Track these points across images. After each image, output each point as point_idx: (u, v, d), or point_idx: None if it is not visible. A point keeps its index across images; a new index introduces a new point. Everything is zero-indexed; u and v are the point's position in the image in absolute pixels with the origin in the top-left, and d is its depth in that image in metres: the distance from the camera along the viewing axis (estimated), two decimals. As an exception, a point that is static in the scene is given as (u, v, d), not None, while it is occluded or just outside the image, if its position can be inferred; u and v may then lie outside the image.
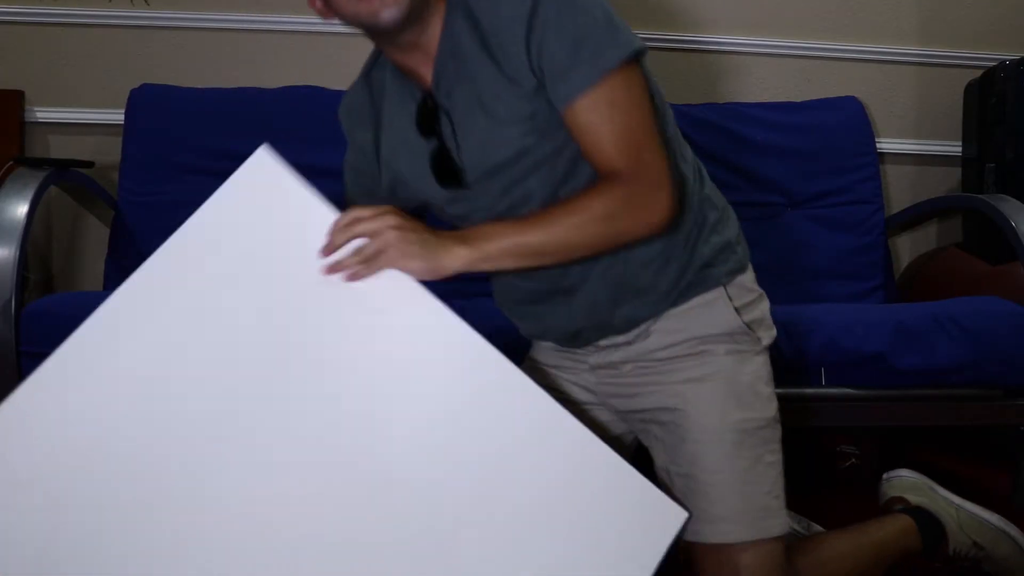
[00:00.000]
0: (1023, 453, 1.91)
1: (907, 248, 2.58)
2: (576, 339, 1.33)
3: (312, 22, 2.20)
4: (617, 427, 1.38)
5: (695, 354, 1.27)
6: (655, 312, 1.28)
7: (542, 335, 1.39)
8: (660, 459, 1.30)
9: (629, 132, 1.16)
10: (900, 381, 1.80)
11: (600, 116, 1.15)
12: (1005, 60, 2.33)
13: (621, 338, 1.30)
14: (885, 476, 1.66)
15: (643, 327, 1.29)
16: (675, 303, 1.27)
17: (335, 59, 2.34)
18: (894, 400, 1.83)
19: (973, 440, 2.29)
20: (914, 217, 2.50)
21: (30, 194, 1.84)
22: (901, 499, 1.60)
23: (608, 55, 1.14)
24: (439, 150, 1.25)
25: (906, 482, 1.63)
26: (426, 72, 1.23)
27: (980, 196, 2.23)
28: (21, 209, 1.81)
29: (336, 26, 1.22)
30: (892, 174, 2.53)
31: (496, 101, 1.19)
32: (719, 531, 1.24)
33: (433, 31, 1.21)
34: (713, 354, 1.27)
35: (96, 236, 2.37)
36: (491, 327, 1.19)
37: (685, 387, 1.27)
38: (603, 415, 1.37)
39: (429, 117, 1.25)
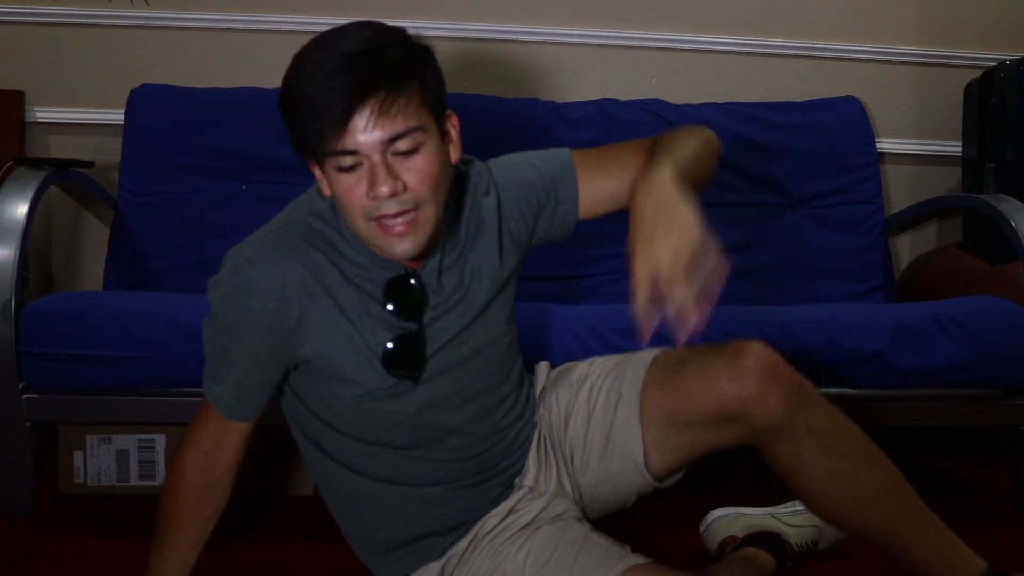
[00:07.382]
0: (1023, 453, 1.91)
1: (907, 248, 2.58)
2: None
3: (312, 22, 2.19)
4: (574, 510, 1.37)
5: None
6: None
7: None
8: None
9: (617, 154, 1.29)
10: (900, 381, 1.80)
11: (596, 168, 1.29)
12: (1005, 60, 2.32)
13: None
14: (702, 529, 1.63)
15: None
16: None
17: (335, 59, 2.33)
18: (894, 400, 1.83)
19: (973, 440, 2.29)
20: (914, 217, 2.50)
21: (30, 194, 1.84)
22: (731, 538, 1.58)
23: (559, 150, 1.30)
24: (413, 335, 1.19)
25: (721, 522, 1.61)
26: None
27: (980, 196, 2.23)
28: (21, 209, 1.81)
29: (335, 26, 1.22)
30: (892, 174, 2.53)
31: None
32: None
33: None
34: None
35: (96, 236, 2.37)
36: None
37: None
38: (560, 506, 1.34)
39: (416, 300, 1.19)
